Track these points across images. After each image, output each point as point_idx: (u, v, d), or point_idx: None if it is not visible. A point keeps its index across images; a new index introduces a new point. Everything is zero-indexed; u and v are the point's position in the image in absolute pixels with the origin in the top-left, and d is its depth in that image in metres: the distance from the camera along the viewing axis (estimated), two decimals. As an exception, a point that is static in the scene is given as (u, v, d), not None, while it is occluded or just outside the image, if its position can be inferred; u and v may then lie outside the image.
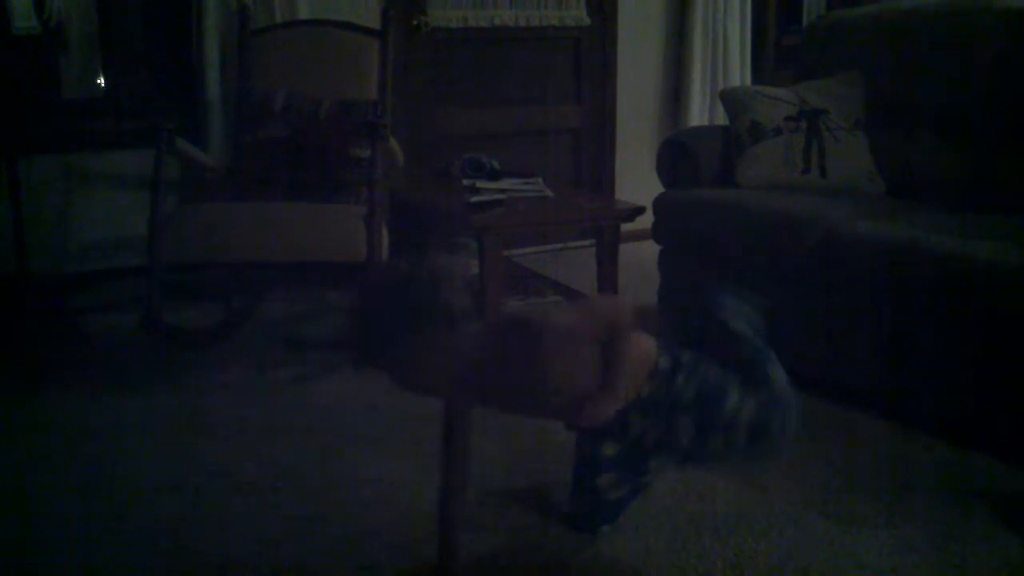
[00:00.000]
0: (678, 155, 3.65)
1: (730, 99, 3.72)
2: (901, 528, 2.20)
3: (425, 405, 2.04)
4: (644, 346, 2.05)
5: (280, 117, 3.77)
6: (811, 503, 2.30)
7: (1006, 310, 2.49)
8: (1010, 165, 3.21)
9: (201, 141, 4.00)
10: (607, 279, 3.65)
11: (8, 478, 2.48)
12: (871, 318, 2.81)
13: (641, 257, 4.10)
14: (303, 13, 4.11)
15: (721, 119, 4.33)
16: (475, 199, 3.55)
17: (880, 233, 2.83)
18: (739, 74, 5.22)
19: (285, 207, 3.46)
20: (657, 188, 3.66)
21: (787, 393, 2.08)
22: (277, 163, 3.76)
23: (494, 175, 3.83)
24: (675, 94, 5.21)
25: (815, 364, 2.94)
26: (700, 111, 5.16)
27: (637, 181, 4.62)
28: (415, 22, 4.56)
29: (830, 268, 2.91)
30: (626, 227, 3.71)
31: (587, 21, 4.94)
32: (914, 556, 2.08)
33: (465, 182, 3.73)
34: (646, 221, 3.61)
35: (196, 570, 2.04)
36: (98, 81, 4.17)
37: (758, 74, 5.36)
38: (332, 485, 2.42)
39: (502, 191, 3.63)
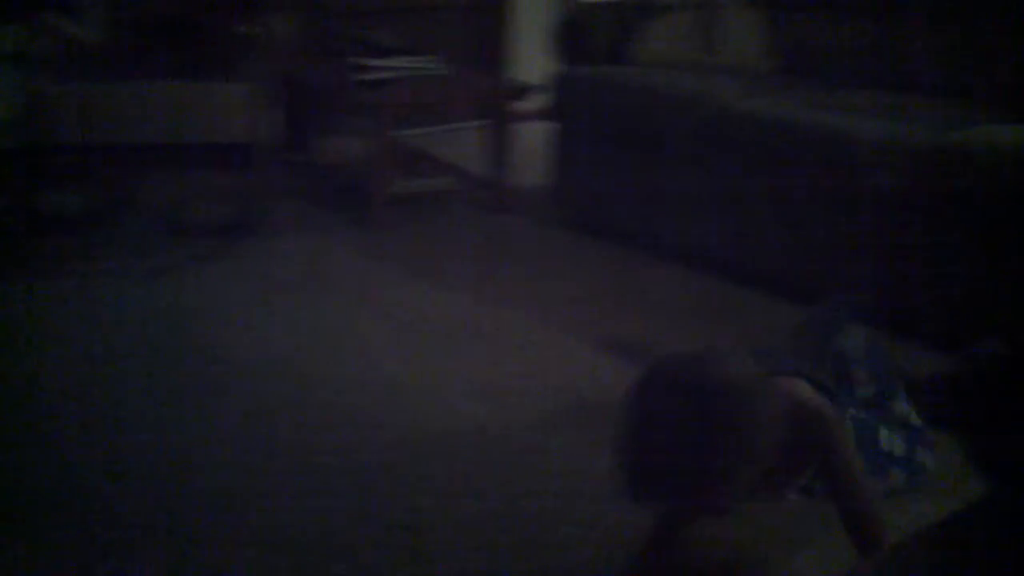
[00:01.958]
0: (572, 32, 3.59)
1: (625, -25, 3.65)
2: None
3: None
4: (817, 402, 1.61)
5: (159, -10, 3.59)
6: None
7: (887, 186, 2.52)
8: (902, 42, 3.22)
9: (75, 16, 3.79)
10: (500, 159, 3.61)
11: None
12: (761, 195, 2.84)
13: (535, 137, 4.06)
14: None
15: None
16: (365, 77, 3.45)
17: (770, 110, 2.83)
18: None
19: (166, 86, 3.31)
20: (552, 66, 3.60)
21: (921, 423, 1.90)
22: (157, 40, 3.59)
23: (385, 52, 3.72)
24: (572, -30, 5.09)
25: (711, 240, 2.97)
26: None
27: (533, 60, 4.55)
28: None
29: (722, 145, 2.92)
30: (521, 106, 3.65)
31: None
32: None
33: (354, 59, 3.61)
34: (542, 100, 3.56)
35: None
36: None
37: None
38: (206, 362, 2.40)
39: (393, 69, 3.53)
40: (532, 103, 3.64)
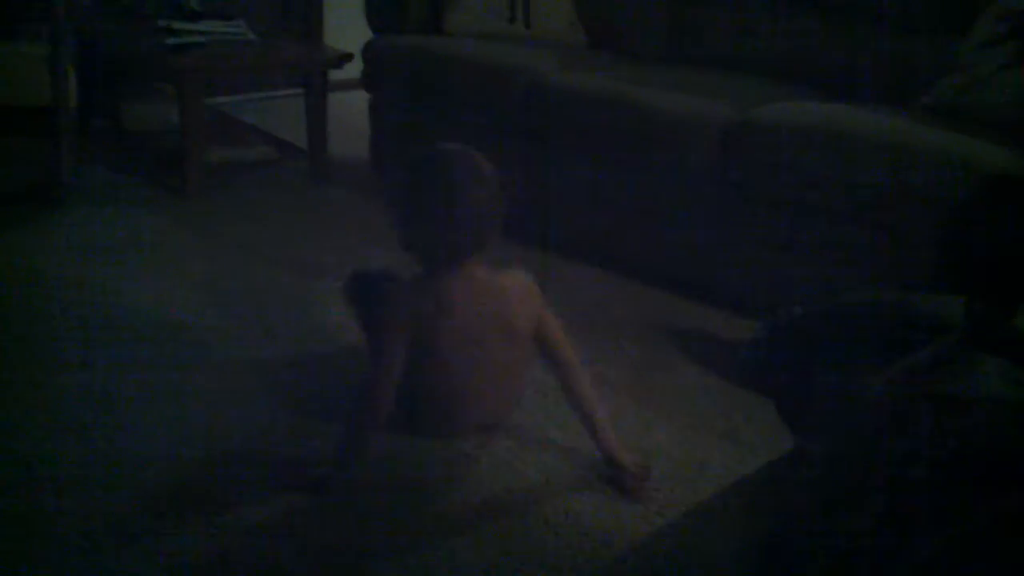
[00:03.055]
0: (387, 1, 3.57)
1: (439, -56, 3.66)
2: (597, 366, 2.35)
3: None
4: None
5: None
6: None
7: (695, 163, 2.66)
8: (711, 20, 3.36)
9: None
10: (316, 129, 3.57)
11: None
12: (576, 169, 2.93)
13: (352, 107, 4.04)
14: None
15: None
16: (172, 41, 3.34)
17: (582, 85, 2.92)
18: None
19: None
20: (367, 35, 3.58)
21: None
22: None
23: (193, 16, 3.61)
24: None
25: (529, 213, 3.04)
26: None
27: (346, 28, 4.50)
28: None
29: (536, 119, 2.99)
30: (336, 75, 3.62)
31: None
32: (606, 388, 2.25)
33: (161, 22, 3.49)
34: (356, 69, 3.54)
35: None
36: None
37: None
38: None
39: (202, 33, 3.44)
40: (349, 72, 3.61)
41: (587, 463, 1.96)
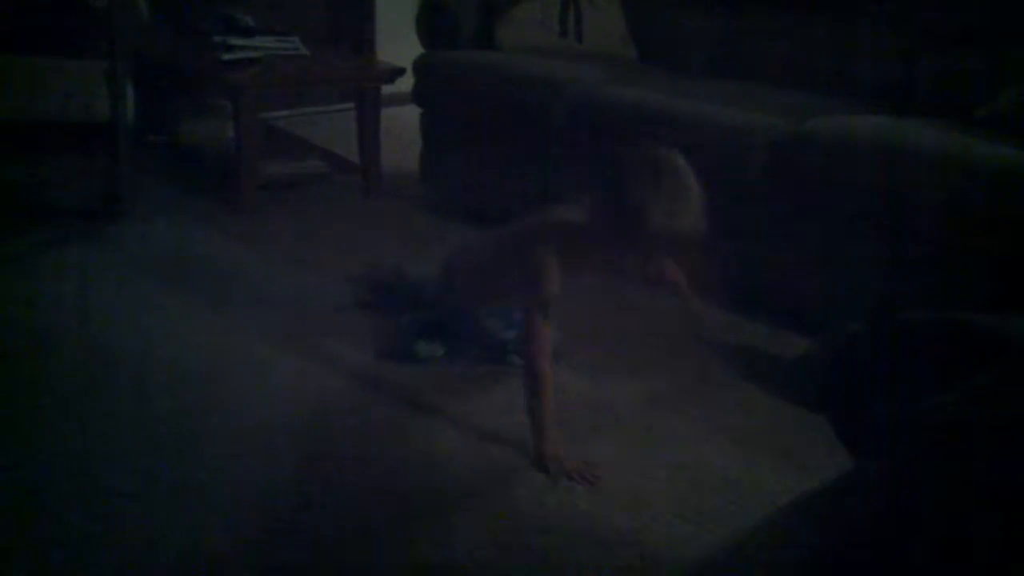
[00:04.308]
0: (438, 16, 3.60)
1: (490, -41, 3.68)
2: (648, 381, 2.34)
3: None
4: None
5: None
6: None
7: (744, 176, 2.64)
8: (758, 33, 3.35)
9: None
10: (369, 143, 3.60)
11: None
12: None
13: (403, 121, 4.06)
14: None
15: (482, -20, 4.28)
16: (228, 57, 3.39)
17: (631, 98, 2.92)
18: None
19: (17, 62, 3.17)
20: (419, 50, 3.61)
21: None
22: (2, 12, 3.43)
23: (248, 32, 3.66)
24: (435, -48, 5.08)
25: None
26: (461, -29, 5.06)
27: (398, 42, 4.53)
28: None
29: (584, 131, 2.99)
30: (388, 89, 3.65)
31: None
32: (657, 404, 2.24)
33: (216, 39, 3.54)
34: (407, 84, 3.57)
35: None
36: None
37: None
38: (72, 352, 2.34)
39: (257, 49, 3.48)
40: (402, 86, 3.64)
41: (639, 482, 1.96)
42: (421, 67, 3.50)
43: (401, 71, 3.55)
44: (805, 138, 2.57)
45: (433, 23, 3.60)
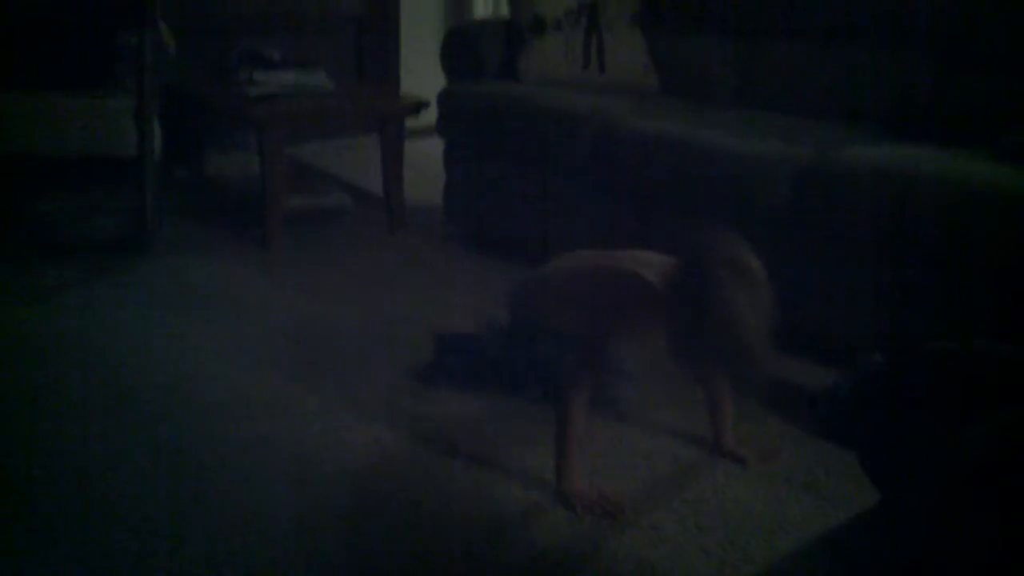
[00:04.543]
0: (461, 48, 3.62)
1: (513, -9, 3.70)
2: (672, 414, 2.32)
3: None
4: None
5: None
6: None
7: (768, 206, 2.63)
8: (781, 63, 3.34)
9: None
10: (393, 177, 3.62)
11: None
12: (648, 213, 2.92)
13: (427, 153, 4.08)
14: None
15: (505, 12, 4.31)
16: (254, 92, 3.42)
17: (654, 129, 2.92)
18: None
19: (45, 97, 3.22)
20: (443, 82, 3.63)
21: None
22: (33, 48, 3.48)
23: (273, 66, 3.69)
24: (459, -15, 5.14)
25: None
26: (484, 4, 5.13)
27: (422, 75, 4.56)
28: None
29: (607, 163, 2.99)
30: (412, 122, 3.67)
31: (369, -94, 4.76)
32: (681, 437, 2.22)
33: (242, 74, 3.58)
34: (431, 116, 3.58)
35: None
36: None
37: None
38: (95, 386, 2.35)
39: (282, 83, 3.51)
40: (425, 119, 3.66)
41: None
42: (445, 99, 3.52)
43: (425, 104, 3.56)
44: (830, 168, 2.56)
45: (457, 55, 3.63)
